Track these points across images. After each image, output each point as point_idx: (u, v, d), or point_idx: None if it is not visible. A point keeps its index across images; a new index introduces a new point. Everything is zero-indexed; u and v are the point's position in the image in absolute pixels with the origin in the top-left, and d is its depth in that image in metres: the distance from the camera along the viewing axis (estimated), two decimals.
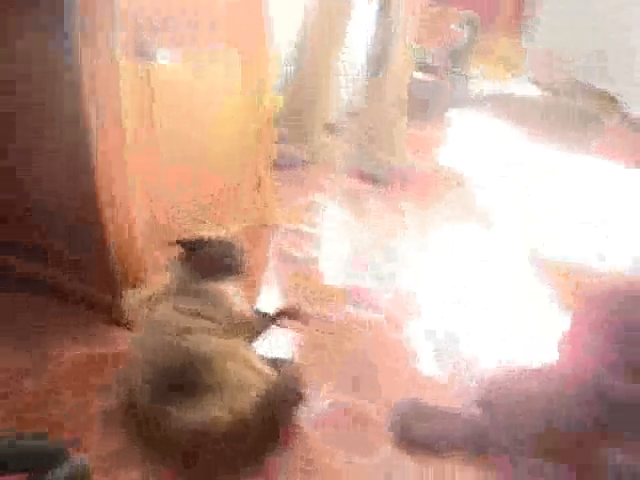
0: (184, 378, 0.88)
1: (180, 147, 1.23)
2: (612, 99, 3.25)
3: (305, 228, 1.65)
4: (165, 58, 1.08)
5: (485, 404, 0.84)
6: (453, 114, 1.48)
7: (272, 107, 1.49)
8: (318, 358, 1.14)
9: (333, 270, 1.48)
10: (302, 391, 0.99)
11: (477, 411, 0.92)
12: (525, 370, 0.86)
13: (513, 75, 3.23)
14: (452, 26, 2.75)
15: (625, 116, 3.02)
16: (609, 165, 1.57)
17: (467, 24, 2.61)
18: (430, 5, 2.30)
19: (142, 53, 1.08)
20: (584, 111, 3.02)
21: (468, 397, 0.99)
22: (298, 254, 1.52)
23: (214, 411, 0.85)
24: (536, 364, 0.91)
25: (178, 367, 0.88)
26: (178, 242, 1.06)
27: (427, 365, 1.15)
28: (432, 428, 0.97)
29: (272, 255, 1.54)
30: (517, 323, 1.28)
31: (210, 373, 0.88)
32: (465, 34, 2.60)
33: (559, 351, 0.75)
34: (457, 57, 2.59)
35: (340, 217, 1.76)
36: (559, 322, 1.25)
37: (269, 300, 1.34)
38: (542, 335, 1.21)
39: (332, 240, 1.63)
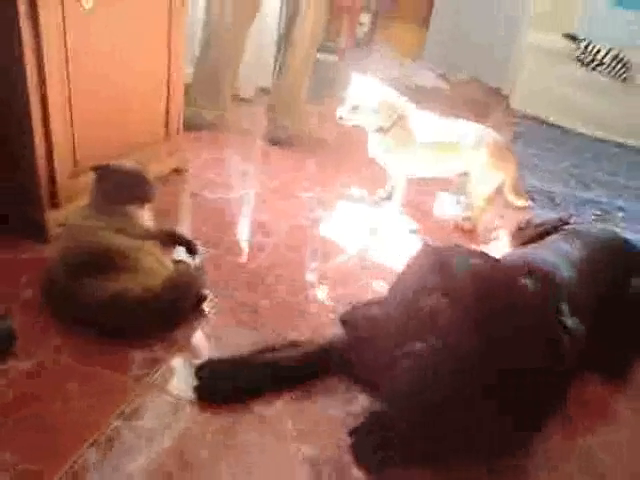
0: (98, 261, 1.07)
1: (95, 90, 1.38)
2: (501, 95, 3.76)
3: (216, 177, 1.87)
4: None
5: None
6: None
7: (183, 64, 1.69)
8: (222, 268, 1.38)
9: (241, 207, 1.73)
10: (204, 282, 1.22)
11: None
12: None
13: (413, 61, 3.62)
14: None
15: (508, 107, 3.54)
16: None
17: (368, 12, 2.92)
18: None
19: None
20: (475, 101, 3.48)
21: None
22: (210, 195, 1.74)
23: (126, 284, 1.05)
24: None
25: (92, 252, 1.07)
26: (92, 168, 1.23)
27: (311, 274, 1.43)
28: None
29: (186, 195, 1.74)
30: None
31: (122, 259, 1.08)
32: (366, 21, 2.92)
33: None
34: (360, 42, 2.91)
35: (247, 169, 2.01)
36: None
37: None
38: None
39: (239, 185, 1.86)
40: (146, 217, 1.29)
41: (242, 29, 2.14)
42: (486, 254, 0.94)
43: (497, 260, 0.94)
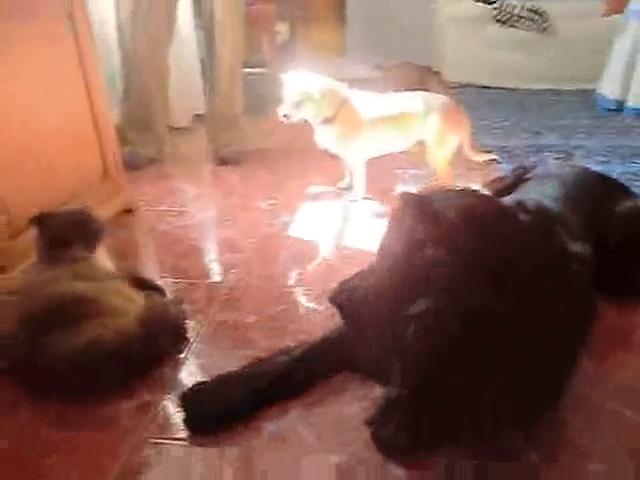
0: (61, 314, 0.94)
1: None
2: (434, 72, 3.82)
3: (169, 208, 1.77)
4: None
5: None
6: None
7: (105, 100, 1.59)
8: (198, 294, 1.27)
9: (202, 231, 1.63)
10: (181, 314, 1.11)
11: None
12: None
13: (339, 57, 3.63)
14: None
15: (444, 83, 3.59)
16: None
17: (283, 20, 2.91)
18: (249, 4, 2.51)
19: None
20: (410, 81, 3.51)
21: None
22: (167, 227, 1.63)
23: (96, 332, 0.92)
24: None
25: (52, 306, 0.94)
26: (30, 220, 1.12)
27: (291, 279, 1.33)
28: None
29: (142, 232, 1.63)
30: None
31: (86, 305, 0.96)
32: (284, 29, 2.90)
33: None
34: (283, 50, 2.89)
35: (200, 193, 1.91)
36: None
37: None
38: None
39: (196, 210, 1.76)
40: (103, 258, 1.18)
41: (160, 52, 2.05)
42: (472, 190, 0.86)
43: (485, 195, 0.87)
